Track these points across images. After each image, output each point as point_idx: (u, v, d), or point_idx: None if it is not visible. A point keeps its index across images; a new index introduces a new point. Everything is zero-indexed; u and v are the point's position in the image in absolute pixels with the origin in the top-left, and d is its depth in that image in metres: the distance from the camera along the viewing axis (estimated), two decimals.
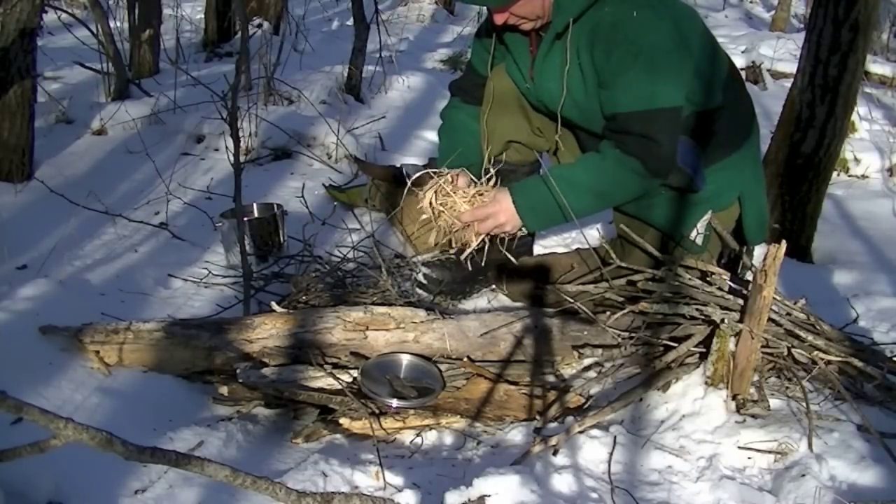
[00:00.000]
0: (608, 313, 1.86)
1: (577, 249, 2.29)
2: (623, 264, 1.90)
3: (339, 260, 2.47)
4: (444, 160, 2.10)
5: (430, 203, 1.92)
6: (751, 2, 8.93)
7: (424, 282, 2.21)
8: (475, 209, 1.91)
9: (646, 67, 1.82)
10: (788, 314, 1.77)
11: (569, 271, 2.13)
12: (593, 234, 2.58)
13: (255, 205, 2.72)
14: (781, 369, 1.77)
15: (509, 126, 2.17)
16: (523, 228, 1.96)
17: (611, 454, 1.61)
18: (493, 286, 2.22)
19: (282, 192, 3.05)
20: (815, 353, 1.72)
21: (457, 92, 2.25)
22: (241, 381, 1.81)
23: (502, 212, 1.91)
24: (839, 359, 1.71)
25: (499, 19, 1.90)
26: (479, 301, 2.23)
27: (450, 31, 6.88)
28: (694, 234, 2.03)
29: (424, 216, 1.99)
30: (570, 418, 1.74)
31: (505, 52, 2.09)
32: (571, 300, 1.89)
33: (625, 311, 1.81)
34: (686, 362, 1.79)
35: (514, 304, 2.17)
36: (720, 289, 1.81)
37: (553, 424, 1.76)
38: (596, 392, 1.82)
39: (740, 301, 1.72)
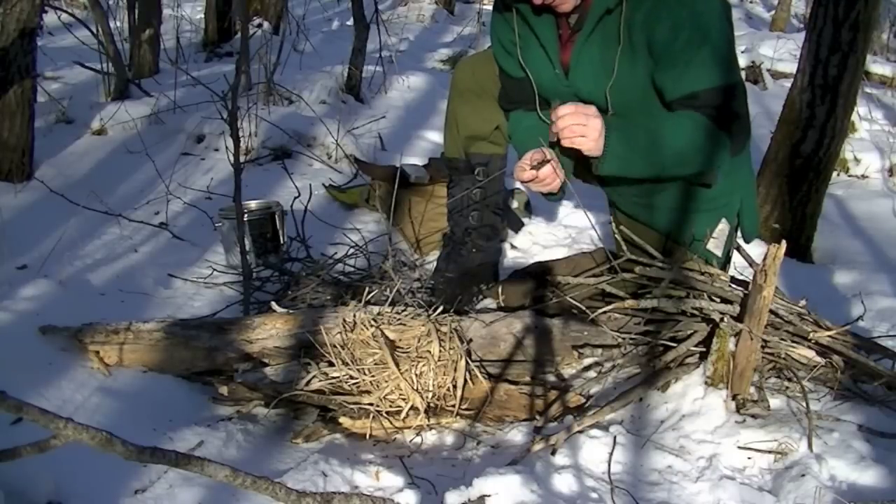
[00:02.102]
0: (608, 312, 1.85)
1: (575, 255, 2.29)
2: (632, 256, 1.89)
3: (338, 260, 2.48)
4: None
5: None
6: (751, 2, 8.93)
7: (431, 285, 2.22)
8: (577, 108, 1.77)
9: (717, 42, 1.81)
10: (790, 313, 1.77)
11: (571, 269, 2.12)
12: (591, 237, 2.58)
13: (253, 203, 2.72)
14: (781, 369, 1.77)
15: (474, 119, 2.17)
16: (595, 164, 1.84)
17: (611, 454, 1.61)
18: (491, 296, 2.20)
19: (282, 192, 3.05)
20: (814, 354, 1.73)
21: (511, 106, 2.12)
22: (240, 381, 1.81)
23: (596, 130, 1.77)
24: (845, 353, 1.71)
25: None
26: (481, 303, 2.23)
27: (450, 31, 6.88)
28: (712, 243, 2.01)
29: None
30: (569, 418, 1.74)
31: (528, 41, 1.98)
32: (571, 298, 1.89)
33: (625, 307, 1.81)
34: (686, 362, 1.79)
35: (514, 305, 2.17)
36: (721, 288, 1.81)
37: (553, 424, 1.76)
38: (596, 392, 1.82)
39: (740, 294, 1.73)
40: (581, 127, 1.77)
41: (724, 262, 2.08)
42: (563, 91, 1.99)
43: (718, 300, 1.76)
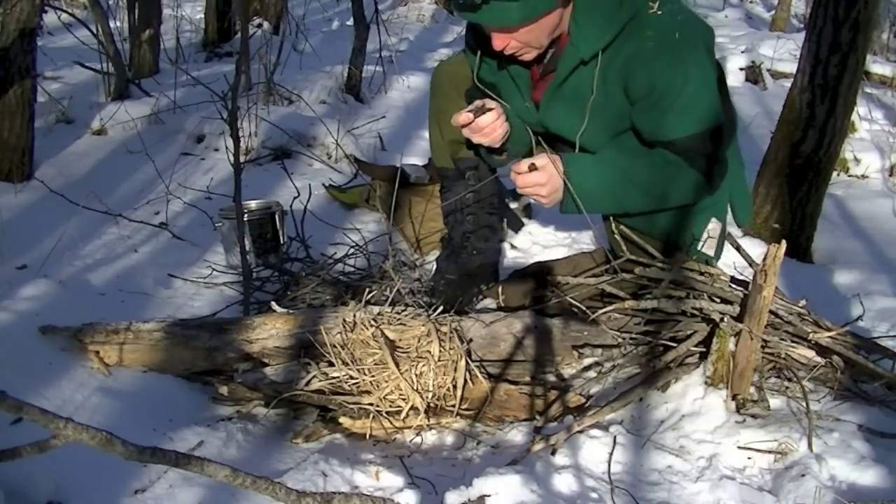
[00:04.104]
0: (608, 313, 1.86)
1: (575, 255, 2.28)
2: (632, 257, 1.89)
3: (338, 260, 2.48)
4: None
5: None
6: (751, 2, 8.92)
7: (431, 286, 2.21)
8: (523, 176, 1.80)
9: (697, 87, 1.78)
10: (790, 313, 1.77)
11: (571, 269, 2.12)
12: (591, 237, 2.58)
13: (253, 203, 2.72)
14: (781, 369, 1.77)
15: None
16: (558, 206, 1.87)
17: (611, 454, 1.61)
18: (491, 296, 2.19)
19: (282, 192, 3.06)
20: (814, 354, 1.73)
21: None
22: (240, 381, 1.81)
23: (549, 185, 1.81)
24: (844, 354, 1.71)
25: (499, 43, 1.77)
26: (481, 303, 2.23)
27: (450, 31, 6.88)
28: (703, 243, 2.02)
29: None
30: (569, 418, 1.74)
31: (499, 71, 1.96)
32: (571, 298, 1.89)
33: (625, 308, 1.81)
34: (686, 362, 1.79)
35: (514, 305, 2.17)
36: (721, 288, 1.81)
37: (553, 424, 1.76)
38: (596, 392, 1.82)
39: (740, 294, 1.73)
40: (531, 190, 1.82)
41: (717, 259, 2.09)
42: (532, 121, 1.99)
43: (718, 300, 1.76)
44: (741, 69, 5.05)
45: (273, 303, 2.02)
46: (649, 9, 1.75)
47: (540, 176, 1.80)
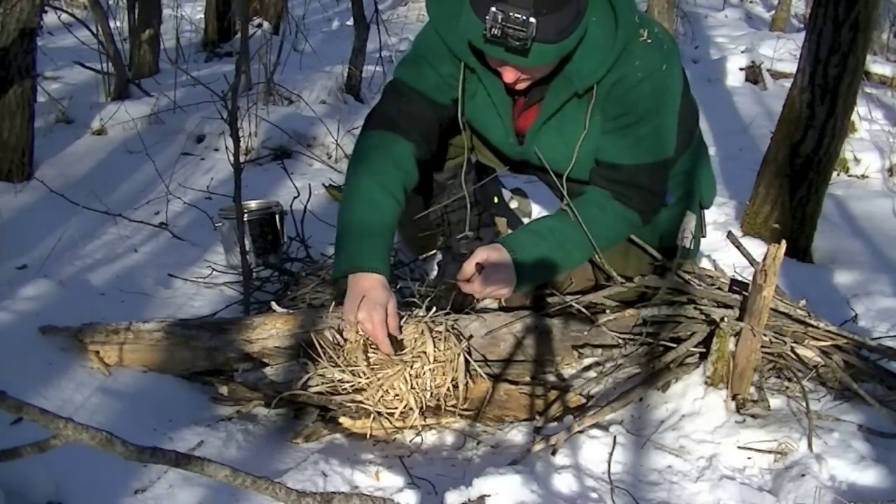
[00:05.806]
0: (608, 313, 1.86)
1: None
2: (622, 280, 1.89)
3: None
4: (369, 251, 1.75)
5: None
6: (751, 2, 8.92)
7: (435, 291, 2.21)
8: (476, 284, 1.76)
9: (664, 120, 1.80)
10: (789, 314, 1.77)
11: (568, 284, 2.11)
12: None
13: (253, 203, 2.72)
14: (781, 369, 1.77)
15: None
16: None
17: (611, 454, 1.61)
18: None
19: (282, 192, 3.06)
20: (814, 354, 1.73)
21: (389, 127, 1.85)
22: (240, 381, 1.81)
23: (507, 280, 1.77)
24: (845, 353, 1.71)
25: (511, 76, 1.71)
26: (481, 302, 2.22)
27: None
28: (680, 239, 2.04)
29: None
30: (569, 418, 1.74)
31: (476, 93, 1.89)
32: (574, 302, 1.89)
33: (625, 316, 1.81)
34: (686, 362, 1.79)
35: (514, 305, 2.17)
36: (720, 289, 1.82)
37: (553, 424, 1.76)
38: (596, 392, 1.82)
39: (738, 298, 1.73)
40: (488, 293, 1.78)
41: (696, 250, 2.14)
42: (512, 154, 1.96)
43: (717, 305, 1.77)
44: (741, 69, 5.06)
45: (273, 303, 2.02)
46: (640, 36, 1.73)
47: (496, 278, 1.75)
